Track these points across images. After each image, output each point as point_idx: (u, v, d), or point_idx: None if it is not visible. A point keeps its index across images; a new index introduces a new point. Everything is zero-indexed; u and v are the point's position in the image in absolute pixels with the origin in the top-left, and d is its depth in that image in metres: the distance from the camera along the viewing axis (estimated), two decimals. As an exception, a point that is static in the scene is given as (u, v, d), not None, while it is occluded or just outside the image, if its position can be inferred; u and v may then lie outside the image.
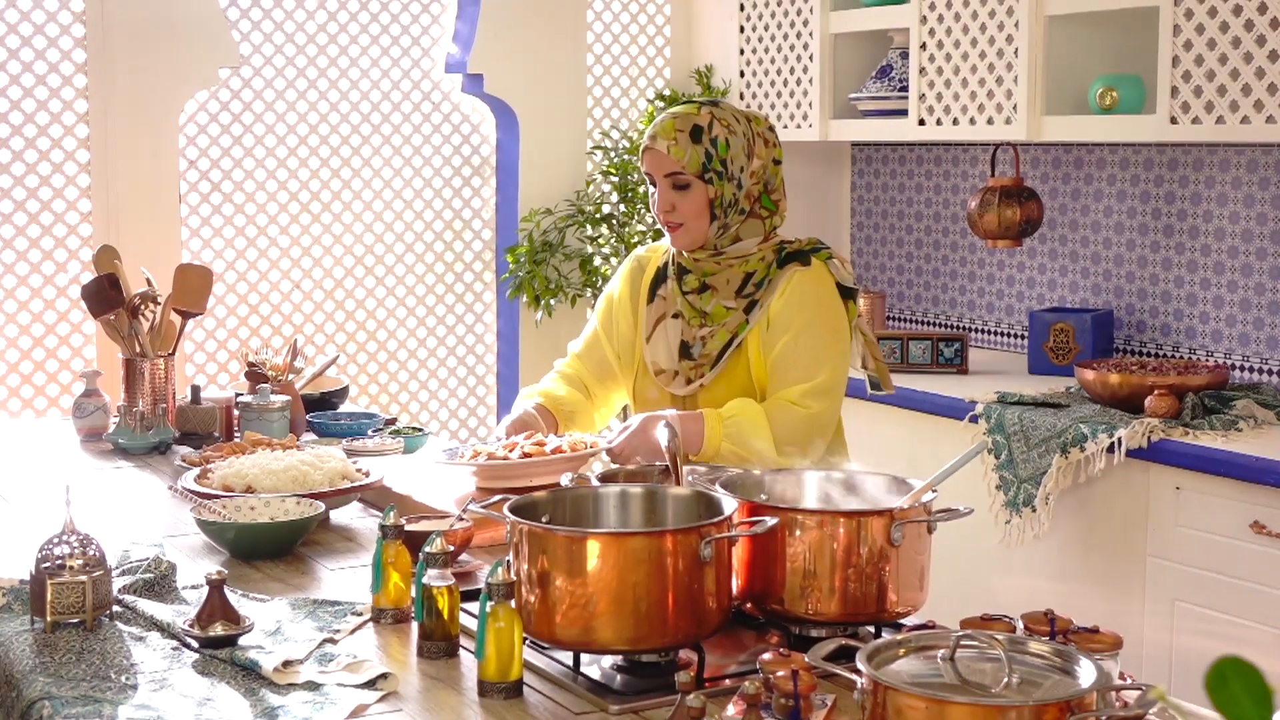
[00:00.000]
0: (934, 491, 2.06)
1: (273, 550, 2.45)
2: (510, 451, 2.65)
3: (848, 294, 2.84)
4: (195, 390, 3.41)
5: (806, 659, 1.70)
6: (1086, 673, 1.55)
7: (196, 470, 2.74)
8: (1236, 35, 3.47)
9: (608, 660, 1.92)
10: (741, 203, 2.79)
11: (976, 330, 4.74)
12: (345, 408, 3.70)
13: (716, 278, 2.84)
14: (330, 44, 4.77)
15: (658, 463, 2.51)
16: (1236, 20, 3.47)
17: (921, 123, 4.31)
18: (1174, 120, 3.61)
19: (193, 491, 2.61)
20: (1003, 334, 4.66)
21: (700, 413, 2.72)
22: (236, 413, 3.36)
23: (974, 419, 3.78)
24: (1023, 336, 4.55)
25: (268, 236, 4.74)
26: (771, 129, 2.86)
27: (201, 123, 4.61)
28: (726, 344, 2.80)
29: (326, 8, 4.75)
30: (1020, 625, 1.88)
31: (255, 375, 3.50)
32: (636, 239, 5.00)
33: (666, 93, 5.14)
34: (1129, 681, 1.75)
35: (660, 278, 2.93)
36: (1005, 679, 1.54)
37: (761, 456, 2.65)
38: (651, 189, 2.83)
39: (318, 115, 4.77)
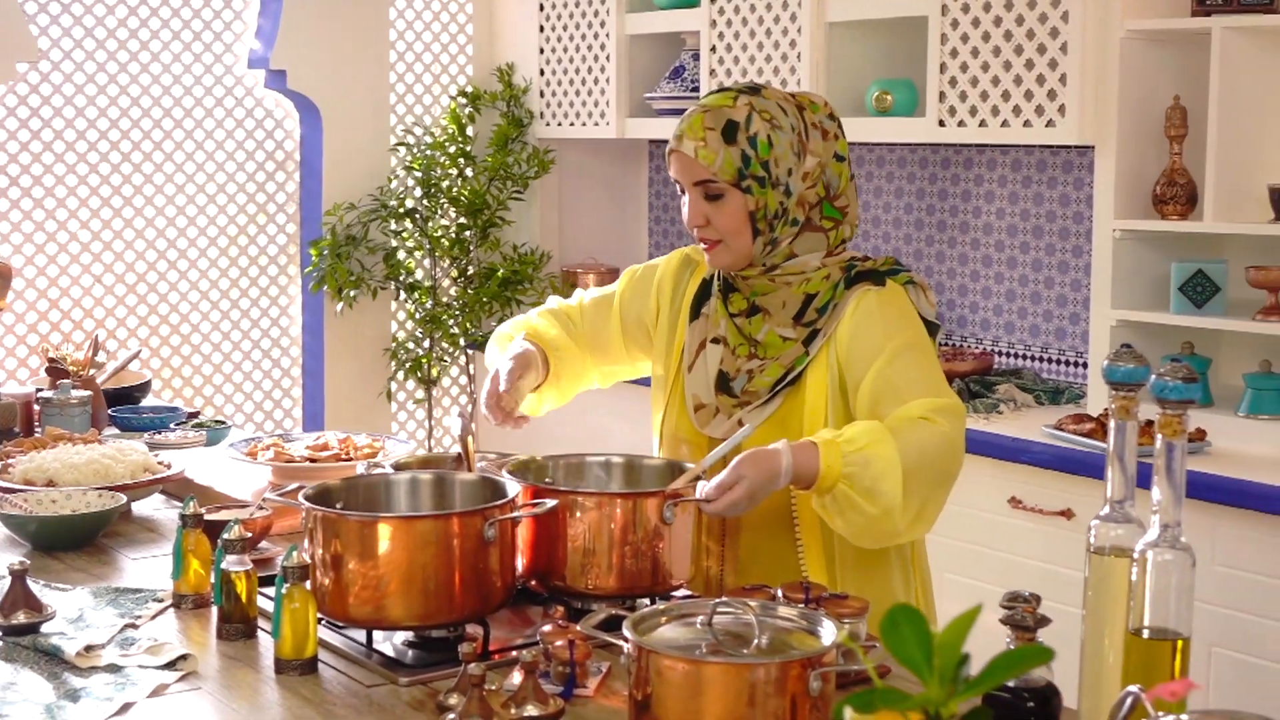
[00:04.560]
0: (704, 473, 2.22)
1: (75, 541, 2.52)
2: (316, 452, 2.76)
3: (930, 329, 2.32)
4: (-5, 386, 3.43)
5: (579, 628, 1.85)
6: (828, 633, 1.72)
7: (-3, 465, 2.79)
8: (997, 45, 3.72)
9: (400, 636, 2.05)
10: (793, 212, 2.27)
11: (768, 320, 4.95)
12: (149, 402, 3.75)
13: (770, 299, 2.33)
14: (131, 39, 4.78)
15: (454, 449, 2.61)
16: (997, 30, 3.71)
17: (712, 122, 4.49)
18: (942, 123, 3.85)
19: (-6, 486, 2.66)
20: (792, 324, 4.87)
21: (814, 442, 2.11)
22: (37, 408, 3.38)
23: (761, 405, 3.97)
24: (810, 326, 4.77)
25: (68, 231, 4.73)
26: (833, 116, 2.32)
27: (-2, 117, 4.59)
28: (779, 379, 2.29)
29: (127, 3, 4.76)
30: (780, 593, 2.06)
31: (56, 370, 3.53)
32: (440, 233, 5.10)
33: (469, 90, 5.25)
34: (872, 642, 1.93)
35: (706, 292, 2.44)
36: (756, 640, 1.71)
37: (887, 506, 2.10)
38: (682, 196, 2.32)
39: (118, 110, 4.78)
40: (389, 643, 2.04)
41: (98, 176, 4.77)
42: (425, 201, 5.11)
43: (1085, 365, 3.95)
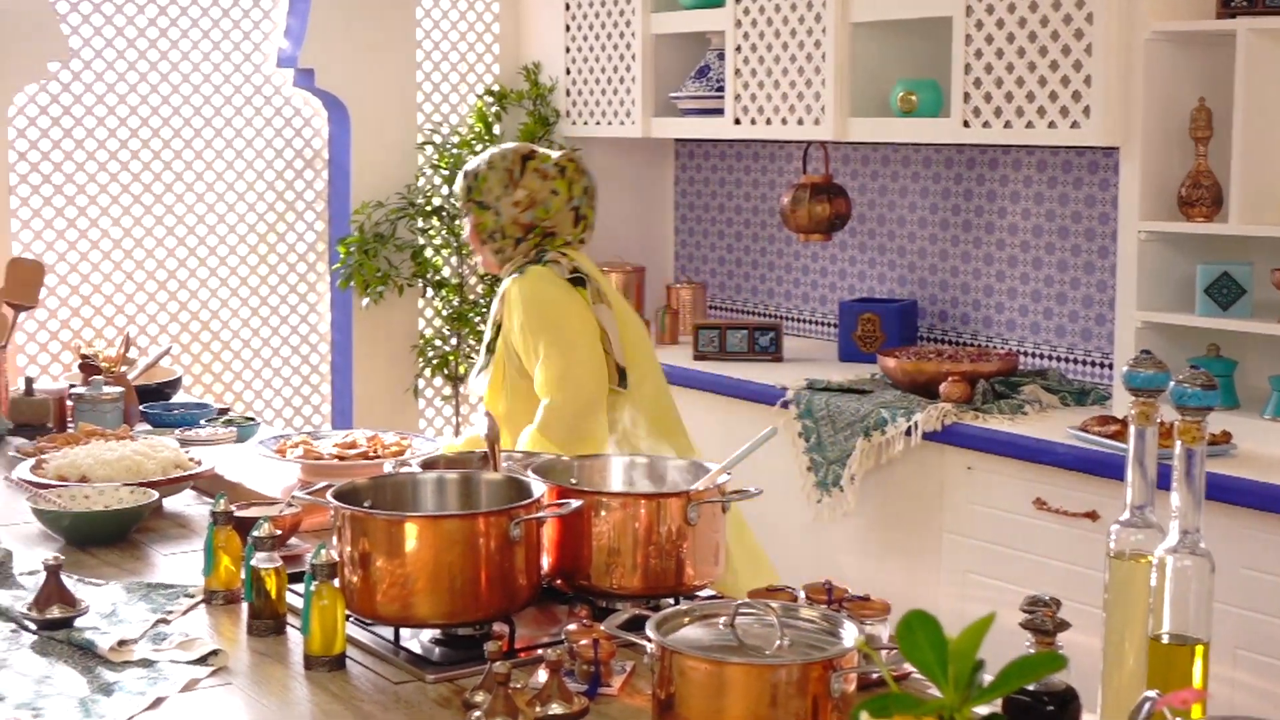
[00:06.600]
0: (728, 474, 2.24)
1: (107, 537, 2.55)
2: (345, 450, 2.79)
3: (578, 283, 3.12)
4: (29, 382, 3.47)
5: (603, 627, 1.88)
6: (849, 635, 1.74)
7: (31, 460, 2.82)
8: (1021, 46, 3.72)
9: (427, 634, 2.08)
10: (509, 230, 3.16)
11: (791, 319, 4.97)
12: (179, 398, 3.79)
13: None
14: (161, 38, 4.82)
15: (478, 450, 2.65)
16: (1022, 31, 3.72)
17: (737, 121, 4.51)
18: (966, 124, 3.86)
19: (28, 482, 2.70)
20: (816, 323, 4.90)
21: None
22: (70, 404, 3.43)
23: (785, 404, 4.00)
24: (834, 326, 4.79)
25: (99, 228, 4.78)
26: (562, 167, 3.17)
27: (31, 115, 4.63)
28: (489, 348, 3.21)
29: (157, 2, 4.80)
30: (802, 595, 2.08)
31: (88, 367, 3.57)
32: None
33: (496, 89, 5.27)
34: (893, 645, 1.95)
35: None
36: (778, 641, 1.73)
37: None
38: None
39: (149, 109, 4.82)
40: (416, 640, 2.07)
41: (129, 175, 4.81)
42: (453, 199, 5.14)
43: (1110, 366, 3.96)
